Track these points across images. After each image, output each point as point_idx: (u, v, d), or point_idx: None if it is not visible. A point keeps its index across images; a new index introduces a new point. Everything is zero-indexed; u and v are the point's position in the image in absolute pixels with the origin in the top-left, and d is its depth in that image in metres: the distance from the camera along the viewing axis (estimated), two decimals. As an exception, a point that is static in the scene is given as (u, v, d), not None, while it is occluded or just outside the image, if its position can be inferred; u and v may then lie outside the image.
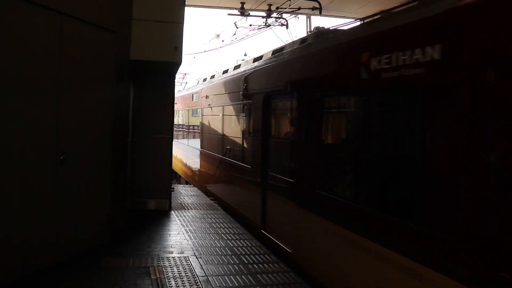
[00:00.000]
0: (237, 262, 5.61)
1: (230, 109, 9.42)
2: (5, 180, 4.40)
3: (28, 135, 4.69)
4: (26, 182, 4.69)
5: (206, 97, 11.61)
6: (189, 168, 14.05)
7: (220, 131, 10.14)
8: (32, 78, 4.74)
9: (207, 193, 11.17)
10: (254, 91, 7.59)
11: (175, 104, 13.70)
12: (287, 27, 13.76)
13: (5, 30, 4.36)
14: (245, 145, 8.31)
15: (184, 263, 5.49)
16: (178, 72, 9.35)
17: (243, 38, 15.89)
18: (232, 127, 9.25)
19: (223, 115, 9.92)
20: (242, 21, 13.90)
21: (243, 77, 8.22)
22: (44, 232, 4.99)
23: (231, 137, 9.29)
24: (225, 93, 9.65)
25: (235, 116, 9.08)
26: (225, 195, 9.52)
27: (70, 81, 5.28)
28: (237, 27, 14.32)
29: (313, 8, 12.72)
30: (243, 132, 8.38)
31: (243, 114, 8.27)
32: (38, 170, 4.87)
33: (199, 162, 12.37)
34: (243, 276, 5.09)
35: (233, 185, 8.95)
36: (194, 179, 13.12)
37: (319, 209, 5.06)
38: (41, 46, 4.85)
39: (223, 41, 18.53)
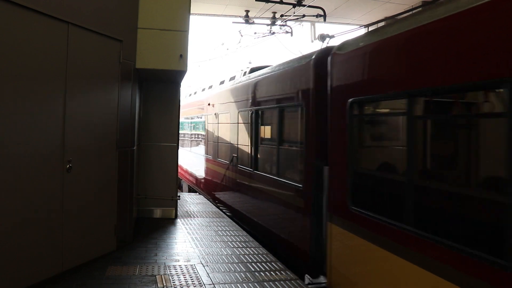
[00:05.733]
0: (244, 270, 5.57)
1: None
2: (11, 188, 4.42)
3: (35, 143, 4.71)
4: (33, 190, 4.70)
5: None
6: None
7: None
8: (38, 87, 4.77)
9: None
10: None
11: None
12: (291, 35, 13.82)
13: (13, 40, 4.39)
14: None
15: (191, 271, 5.46)
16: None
17: (247, 46, 15.97)
18: None
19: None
20: (247, 29, 13.99)
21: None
22: (50, 241, 4.98)
23: None
24: None
25: None
26: None
27: (76, 90, 5.31)
28: (241, 35, 14.41)
29: (318, 16, 12.76)
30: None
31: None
32: (45, 179, 4.88)
33: None
34: (250, 284, 5.06)
35: None
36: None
37: None
38: (48, 55, 4.89)
39: (227, 49, 18.66)
